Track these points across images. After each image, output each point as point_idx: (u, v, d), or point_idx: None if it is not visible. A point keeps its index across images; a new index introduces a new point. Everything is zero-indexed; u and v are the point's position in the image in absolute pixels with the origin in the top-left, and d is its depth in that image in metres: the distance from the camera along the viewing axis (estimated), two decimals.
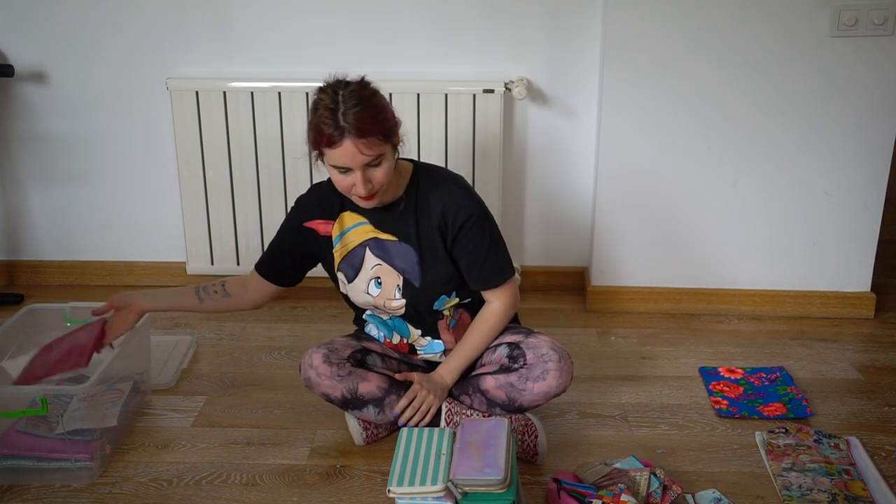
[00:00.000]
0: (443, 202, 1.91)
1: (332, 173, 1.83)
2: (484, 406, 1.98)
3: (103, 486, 1.90)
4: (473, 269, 1.96)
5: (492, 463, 1.64)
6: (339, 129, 1.74)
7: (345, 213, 1.99)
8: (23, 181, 2.89)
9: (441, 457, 1.69)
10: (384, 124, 1.80)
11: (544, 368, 1.91)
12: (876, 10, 2.41)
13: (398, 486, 1.63)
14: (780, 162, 2.60)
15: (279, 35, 2.69)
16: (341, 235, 1.99)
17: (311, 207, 2.01)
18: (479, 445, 1.69)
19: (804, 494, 1.83)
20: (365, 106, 1.77)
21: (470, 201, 1.93)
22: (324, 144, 1.77)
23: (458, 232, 1.92)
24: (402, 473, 1.65)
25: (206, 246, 2.84)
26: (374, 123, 1.77)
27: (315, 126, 1.79)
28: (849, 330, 2.66)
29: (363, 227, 1.98)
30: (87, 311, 2.23)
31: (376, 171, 1.81)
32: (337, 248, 2.00)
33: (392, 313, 2.02)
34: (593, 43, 2.66)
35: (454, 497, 1.63)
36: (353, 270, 1.99)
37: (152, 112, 2.78)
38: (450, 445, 1.73)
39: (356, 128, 1.74)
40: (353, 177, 1.80)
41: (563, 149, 2.78)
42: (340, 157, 1.77)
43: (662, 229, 2.70)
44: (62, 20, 2.70)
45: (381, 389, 1.95)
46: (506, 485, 1.62)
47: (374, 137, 1.77)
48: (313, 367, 1.94)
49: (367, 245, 1.98)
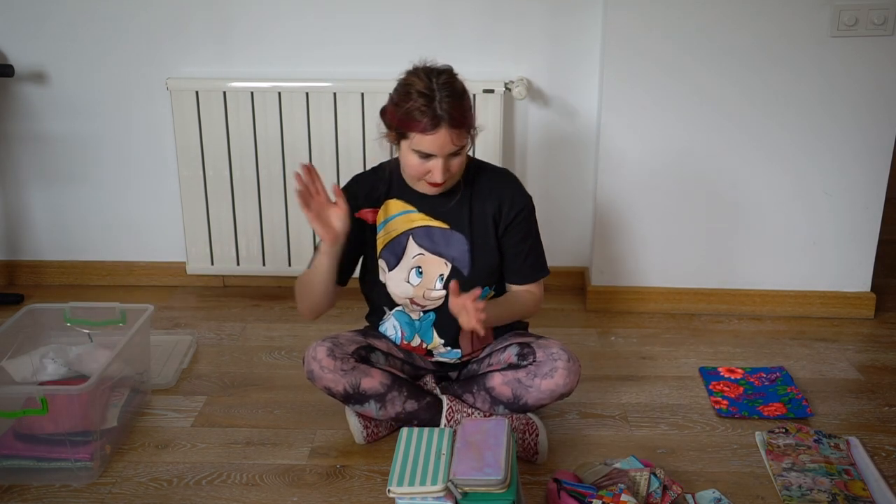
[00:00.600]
0: (500, 192, 1.99)
1: (410, 157, 1.86)
2: (487, 405, 1.98)
3: (103, 486, 1.90)
4: (517, 260, 2.01)
5: (492, 463, 1.64)
6: (436, 117, 1.79)
7: (390, 201, 2.00)
8: (23, 181, 2.89)
9: (441, 457, 1.69)
10: (472, 118, 1.89)
11: (553, 366, 1.92)
12: (876, 10, 2.41)
13: (398, 486, 1.63)
14: (780, 162, 2.61)
15: (279, 35, 2.70)
16: (385, 223, 2.01)
17: (360, 196, 2.00)
18: (479, 445, 1.69)
19: (804, 494, 1.83)
20: (459, 98, 1.83)
21: (524, 194, 2.02)
22: (418, 130, 1.80)
23: (511, 221, 1.98)
24: (402, 473, 1.65)
25: (206, 246, 2.84)
26: (466, 116, 1.85)
27: (407, 111, 1.81)
28: (849, 330, 2.66)
29: (409, 215, 1.99)
30: (87, 311, 2.24)
31: (455, 160, 1.87)
32: (380, 235, 2.01)
33: (427, 307, 2.02)
34: (593, 43, 2.66)
35: (454, 497, 1.63)
36: (395, 258, 2.00)
37: (152, 112, 2.78)
38: (450, 445, 1.73)
39: (451, 118, 1.80)
40: (433, 163, 1.84)
41: (563, 149, 2.78)
42: (430, 144, 1.81)
43: (662, 229, 2.70)
44: (62, 20, 2.70)
45: (384, 385, 1.95)
46: (506, 485, 1.62)
47: (464, 129, 1.84)
48: (317, 360, 1.94)
49: (411, 234, 1.99)
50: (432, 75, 1.84)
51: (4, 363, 2.08)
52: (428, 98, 1.80)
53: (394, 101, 1.87)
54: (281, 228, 2.80)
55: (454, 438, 1.75)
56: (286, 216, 2.78)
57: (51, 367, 2.12)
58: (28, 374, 2.10)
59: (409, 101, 1.81)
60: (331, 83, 2.65)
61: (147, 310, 2.17)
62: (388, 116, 1.88)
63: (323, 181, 1.89)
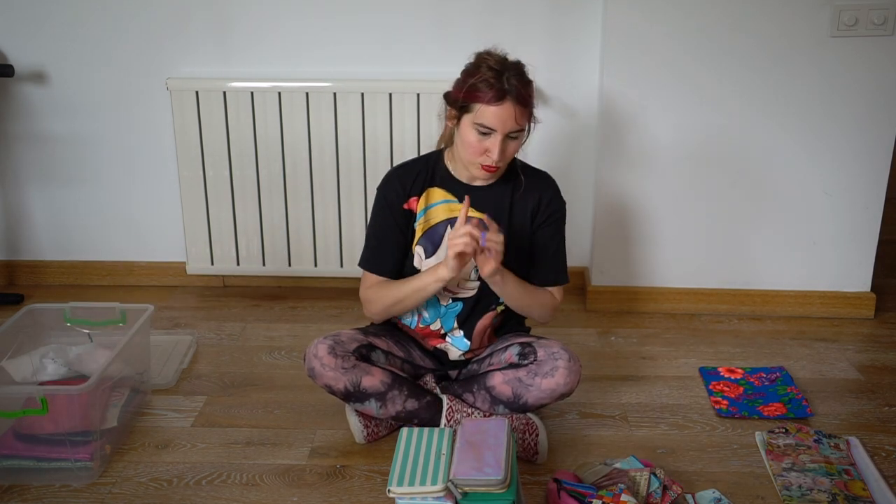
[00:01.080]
0: (541, 190, 2.04)
1: (470, 134, 1.88)
2: (487, 404, 1.98)
3: (103, 486, 1.90)
4: (543, 259, 2.04)
5: (492, 463, 1.64)
6: (503, 90, 1.84)
7: (432, 189, 2.03)
8: (23, 181, 2.89)
9: (441, 457, 1.69)
10: (533, 105, 1.93)
11: (554, 365, 1.92)
12: (876, 10, 2.42)
13: (398, 486, 1.63)
14: (780, 161, 2.60)
15: (279, 35, 2.70)
16: (425, 210, 2.03)
17: (406, 186, 2.02)
18: (479, 445, 1.69)
19: (804, 494, 1.83)
20: (527, 82, 1.90)
21: (561, 198, 2.07)
22: (485, 100, 1.84)
23: (546, 218, 2.03)
24: (402, 473, 1.65)
25: (206, 246, 2.84)
26: (531, 96, 1.91)
27: (476, 83, 1.86)
28: (849, 330, 2.67)
29: (450, 204, 2.02)
30: (87, 311, 2.24)
31: (512, 143, 1.91)
32: (420, 222, 2.03)
33: (458, 295, 2.04)
34: (594, 42, 2.66)
35: (454, 497, 1.63)
36: (433, 246, 2.02)
37: (152, 112, 2.78)
38: (450, 445, 1.73)
39: (519, 94, 1.85)
40: (492, 141, 1.87)
41: (563, 148, 2.78)
42: (495, 117, 1.85)
43: (662, 229, 2.70)
44: (62, 20, 2.70)
45: (385, 384, 1.96)
46: (506, 485, 1.62)
47: (527, 110, 1.89)
48: (318, 358, 1.94)
49: (450, 223, 2.01)
50: (503, 58, 1.91)
51: (4, 363, 2.08)
52: (498, 72, 1.85)
53: (461, 79, 1.92)
54: (281, 228, 2.80)
55: (454, 438, 1.75)
56: (286, 216, 2.78)
57: (51, 367, 2.12)
58: (28, 374, 2.10)
59: (479, 73, 1.86)
60: (331, 83, 2.65)
61: (147, 310, 2.17)
62: (454, 92, 1.92)
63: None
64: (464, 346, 2.09)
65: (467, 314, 2.06)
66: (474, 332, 2.08)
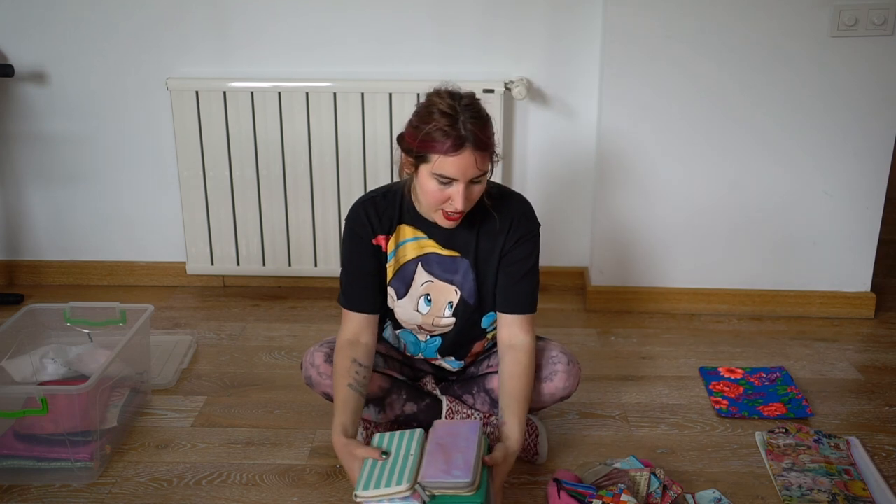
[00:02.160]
0: (510, 215, 1.89)
1: (429, 184, 1.74)
2: (486, 406, 1.98)
3: (103, 486, 1.90)
4: (509, 283, 1.90)
5: (461, 465, 1.60)
6: (460, 137, 1.68)
7: (401, 226, 1.90)
8: (23, 181, 2.89)
9: (410, 458, 1.66)
10: (494, 144, 1.77)
11: (553, 370, 1.91)
12: (876, 10, 2.42)
13: (364, 489, 1.59)
14: (780, 161, 2.61)
15: (279, 35, 2.70)
16: (396, 249, 1.91)
17: (373, 222, 1.89)
18: (449, 448, 1.66)
19: (804, 494, 1.83)
20: (483, 121, 1.74)
21: (532, 220, 1.92)
22: (441, 151, 1.69)
23: (516, 241, 1.89)
24: (370, 477, 1.62)
25: (206, 246, 2.84)
26: (491, 140, 1.75)
27: (429, 132, 1.70)
28: (849, 330, 2.67)
29: (419, 241, 1.90)
30: (87, 311, 2.24)
31: (475, 188, 1.76)
32: (391, 263, 1.92)
33: (436, 333, 1.97)
34: (594, 42, 2.66)
35: (421, 498, 1.59)
36: (404, 286, 1.92)
37: (152, 112, 2.78)
38: (419, 447, 1.70)
39: (476, 139, 1.70)
40: (454, 190, 1.73)
41: (563, 148, 2.78)
42: (453, 166, 1.70)
43: (662, 229, 2.70)
44: (62, 20, 2.70)
45: (382, 390, 1.95)
46: (474, 487, 1.59)
47: (487, 153, 1.73)
48: (315, 366, 1.94)
49: (420, 261, 1.91)
50: (455, 97, 1.74)
51: (4, 363, 2.08)
52: (451, 118, 1.69)
53: (413, 123, 1.75)
54: (281, 228, 2.80)
55: (425, 440, 1.73)
56: (286, 216, 2.78)
57: (51, 367, 2.12)
58: (28, 374, 2.11)
59: (432, 122, 1.70)
60: (331, 83, 2.65)
61: (147, 310, 2.18)
62: (407, 140, 1.75)
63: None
64: (457, 365, 2.05)
65: (451, 343, 1.98)
66: (467, 357, 2.03)
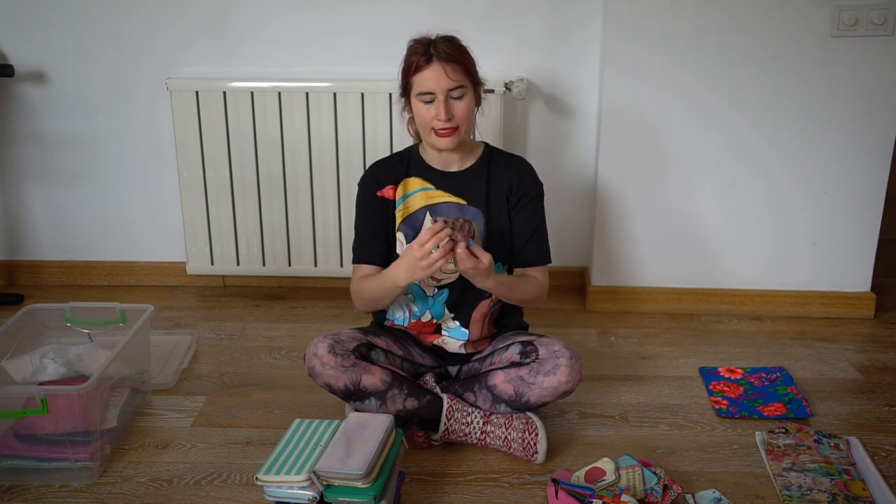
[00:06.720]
0: (513, 172, 2.09)
1: (419, 107, 1.97)
2: (488, 403, 1.98)
3: (103, 486, 1.90)
4: (522, 240, 2.07)
5: (358, 457, 1.64)
6: (427, 55, 1.93)
7: (409, 179, 2.09)
8: (23, 181, 2.89)
9: (318, 447, 1.70)
10: (469, 62, 1.99)
11: (555, 364, 1.92)
12: (876, 10, 2.42)
13: (266, 474, 1.64)
14: (780, 161, 2.61)
15: (279, 35, 2.70)
16: (404, 198, 2.08)
17: (380, 176, 2.09)
18: (353, 439, 1.70)
19: (804, 494, 1.83)
20: (454, 41, 1.98)
21: (536, 179, 2.11)
22: (412, 72, 1.95)
23: (520, 198, 2.07)
24: (275, 462, 1.67)
25: (206, 246, 2.84)
26: (461, 55, 1.96)
27: (406, 58, 1.97)
28: (849, 330, 2.67)
29: (428, 192, 2.07)
30: (87, 311, 2.24)
31: (458, 104, 1.96)
32: (399, 209, 2.08)
33: (442, 281, 2.05)
34: (594, 42, 2.66)
35: (317, 487, 1.63)
36: (414, 232, 2.05)
37: (152, 112, 2.78)
38: (329, 437, 1.74)
39: (445, 53, 1.93)
40: (436, 105, 1.94)
41: (563, 148, 2.78)
42: (426, 81, 1.93)
43: (662, 229, 2.70)
44: (62, 20, 2.70)
45: (385, 383, 1.96)
46: (369, 480, 1.62)
47: (459, 66, 1.94)
48: (318, 357, 1.95)
49: (429, 209, 2.06)
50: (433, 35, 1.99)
51: (4, 363, 2.08)
52: (424, 44, 1.95)
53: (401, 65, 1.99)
54: (281, 228, 2.80)
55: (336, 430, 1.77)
56: (286, 216, 2.78)
57: (51, 367, 2.12)
58: (28, 374, 2.11)
59: (408, 51, 1.97)
60: (331, 83, 2.65)
61: (147, 310, 2.18)
62: (399, 83, 2.00)
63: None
64: (463, 335, 2.10)
65: (457, 300, 2.08)
66: (471, 321, 2.09)
